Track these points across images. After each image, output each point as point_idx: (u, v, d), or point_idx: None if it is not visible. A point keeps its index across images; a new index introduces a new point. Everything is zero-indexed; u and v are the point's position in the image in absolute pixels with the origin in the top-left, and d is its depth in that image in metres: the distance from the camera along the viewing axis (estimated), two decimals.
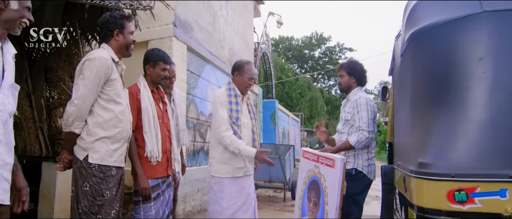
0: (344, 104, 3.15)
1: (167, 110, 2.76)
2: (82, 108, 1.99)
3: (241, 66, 2.85)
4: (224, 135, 2.65)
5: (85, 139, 2.03)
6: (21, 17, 1.51)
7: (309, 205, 2.70)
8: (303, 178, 2.89)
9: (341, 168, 2.40)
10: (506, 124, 1.62)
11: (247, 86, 2.85)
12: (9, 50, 1.51)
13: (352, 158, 2.91)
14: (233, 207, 2.69)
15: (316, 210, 2.61)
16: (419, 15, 2.00)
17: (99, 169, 2.03)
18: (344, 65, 3.11)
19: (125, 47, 2.20)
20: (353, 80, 3.04)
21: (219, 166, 2.73)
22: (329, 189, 2.48)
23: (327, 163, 2.58)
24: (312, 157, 2.82)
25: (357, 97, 2.94)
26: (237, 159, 2.72)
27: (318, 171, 2.66)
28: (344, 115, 3.02)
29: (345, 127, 2.99)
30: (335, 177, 2.42)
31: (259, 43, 12.71)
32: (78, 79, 2.02)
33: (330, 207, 2.41)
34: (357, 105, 2.90)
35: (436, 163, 1.64)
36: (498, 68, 1.69)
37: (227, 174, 2.71)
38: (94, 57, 2.03)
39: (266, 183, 7.20)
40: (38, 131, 3.70)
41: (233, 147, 2.64)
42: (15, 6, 1.47)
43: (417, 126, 1.91)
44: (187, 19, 5.60)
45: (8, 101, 1.46)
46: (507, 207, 1.51)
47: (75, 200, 2.03)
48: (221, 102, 2.71)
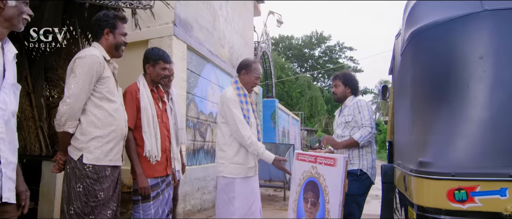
0: (339, 112, 3.24)
1: (167, 109, 2.75)
2: (75, 107, 1.95)
3: (248, 65, 2.87)
4: (245, 134, 2.65)
5: (80, 139, 1.99)
6: (21, 13, 1.50)
7: (306, 206, 2.70)
8: (297, 180, 2.90)
9: (343, 166, 2.41)
10: (506, 123, 1.62)
11: (254, 85, 2.90)
12: (10, 50, 1.50)
13: (357, 160, 2.95)
14: (245, 207, 2.70)
15: (315, 210, 2.61)
16: (419, 14, 2.00)
17: (93, 169, 1.99)
18: (339, 76, 3.21)
19: (115, 47, 2.17)
20: (348, 90, 3.15)
21: (233, 166, 2.70)
22: (330, 187, 2.49)
23: (326, 162, 2.59)
24: (308, 159, 2.83)
25: (356, 100, 3.06)
26: (250, 158, 2.74)
27: (316, 171, 2.67)
28: (343, 118, 3.08)
29: (346, 130, 3.04)
30: (337, 175, 2.43)
31: (259, 42, 12.70)
32: (70, 78, 1.99)
33: (332, 205, 2.42)
34: (358, 107, 2.99)
35: (436, 162, 1.64)
36: (498, 67, 1.69)
37: (241, 174, 2.71)
38: (85, 55, 2.01)
39: (266, 182, 7.21)
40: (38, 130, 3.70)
41: (253, 148, 2.66)
42: (12, 3, 1.46)
43: (417, 125, 1.91)
44: (187, 18, 5.60)
45: (9, 100, 1.45)
46: (507, 206, 1.51)
47: (66, 200, 1.99)
48: (234, 101, 2.72)
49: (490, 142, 1.62)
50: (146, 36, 4.99)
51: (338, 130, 3.13)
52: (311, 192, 2.69)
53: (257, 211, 2.79)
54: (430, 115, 1.80)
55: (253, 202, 2.76)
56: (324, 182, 2.56)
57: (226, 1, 7.53)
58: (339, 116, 3.21)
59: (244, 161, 2.72)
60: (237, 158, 2.71)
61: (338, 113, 3.27)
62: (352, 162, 2.94)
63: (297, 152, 3.07)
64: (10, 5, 1.46)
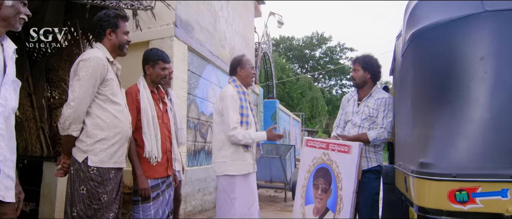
0: (356, 97, 3.03)
1: (167, 109, 2.76)
2: (79, 110, 1.94)
3: (239, 60, 2.95)
4: (233, 134, 2.69)
5: (85, 141, 1.99)
6: (18, 13, 1.50)
7: (317, 192, 2.70)
8: (307, 166, 2.89)
9: (359, 154, 2.42)
10: (507, 124, 1.62)
11: (252, 76, 2.97)
12: (9, 45, 1.50)
13: (373, 155, 2.86)
14: (245, 206, 2.74)
15: (326, 196, 2.61)
16: (420, 15, 2.00)
17: (97, 172, 1.99)
18: (359, 60, 3.01)
19: (119, 47, 2.16)
20: (368, 75, 2.96)
21: (233, 164, 2.74)
22: (343, 174, 2.50)
23: (340, 149, 2.59)
24: (319, 145, 2.81)
25: (387, 97, 2.89)
26: (249, 154, 2.78)
27: (328, 158, 2.67)
28: (367, 109, 2.90)
29: (366, 122, 2.89)
30: (351, 162, 2.44)
31: (260, 43, 12.71)
32: (74, 81, 1.98)
33: (345, 191, 2.43)
34: (386, 105, 2.86)
35: (437, 162, 1.64)
36: (499, 68, 1.68)
37: (242, 170, 2.74)
38: (88, 58, 2.00)
39: (267, 183, 7.20)
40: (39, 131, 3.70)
41: (246, 139, 2.70)
42: (9, 2, 1.46)
43: (418, 125, 1.91)
44: (188, 19, 5.61)
45: (10, 97, 1.45)
46: (508, 207, 1.51)
47: (69, 202, 1.99)
48: (234, 101, 2.75)
49: (491, 142, 1.62)
50: (147, 37, 4.99)
51: (356, 118, 2.93)
52: (322, 178, 2.68)
53: (256, 211, 2.82)
54: (431, 116, 1.79)
55: (252, 203, 2.79)
56: (337, 168, 2.55)
57: (227, 1, 7.54)
58: (357, 103, 2.99)
59: (243, 157, 2.76)
60: (236, 156, 2.74)
61: (355, 96, 3.04)
62: (369, 157, 2.83)
63: (307, 139, 3.05)
64: (7, 4, 1.46)
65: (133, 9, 3.37)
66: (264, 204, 6.54)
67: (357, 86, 3.06)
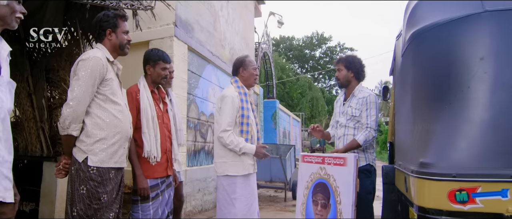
0: (343, 97, 3.07)
1: (168, 110, 2.76)
2: (78, 110, 1.95)
3: (242, 61, 2.92)
4: (222, 135, 2.70)
5: (85, 141, 1.99)
6: (14, 12, 1.50)
7: (316, 208, 2.68)
8: (305, 182, 2.87)
9: (354, 165, 2.40)
10: (507, 124, 1.62)
11: (255, 78, 2.94)
12: (3, 47, 1.50)
13: (363, 154, 2.87)
14: (246, 207, 2.73)
15: (326, 212, 2.59)
16: (420, 15, 2.00)
17: (97, 172, 1.99)
18: (342, 60, 3.03)
19: (119, 46, 2.17)
20: (351, 74, 2.97)
21: (234, 164, 2.73)
22: (341, 188, 2.47)
23: (336, 162, 2.57)
24: (315, 160, 2.80)
25: (367, 95, 2.90)
26: (249, 155, 2.76)
27: (325, 172, 2.65)
28: (350, 110, 2.93)
29: (351, 122, 2.93)
30: (348, 174, 2.41)
31: (260, 43, 12.72)
32: (73, 81, 1.99)
33: (344, 205, 2.40)
34: (367, 103, 2.86)
35: (437, 162, 1.64)
36: (499, 68, 1.69)
37: (243, 171, 2.73)
38: (87, 57, 2.00)
39: (267, 183, 7.20)
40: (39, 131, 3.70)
41: (233, 145, 2.68)
42: (4, 2, 1.46)
43: (418, 125, 1.91)
44: (188, 19, 5.61)
45: (6, 98, 1.45)
46: (508, 207, 1.51)
47: (70, 202, 1.99)
48: (233, 104, 2.74)
49: (491, 142, 1.62)
50: (147, 37, 4.99)
51: (342, 118, 2.99)
52: (321, 193, 2.65)
53: (255, 212, 2.82)
54: (431, 116, 1.79)
55: (252, 203, 2.79)
56: (334, 182, 2.53)
57: (227, 1, 7.54)
58: (343, 103, 3.04)
59: (244, 157, 2.75)
60: (237, 156, 2.74)
61: (342, 97, 3.09)
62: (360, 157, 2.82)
63: (303, 154, 3.03)
64: (2, 4, 1.46)
65: (133, 9, 3.37)
66: (264, 204, 6.54)
67: (341, 86, 3.10)
